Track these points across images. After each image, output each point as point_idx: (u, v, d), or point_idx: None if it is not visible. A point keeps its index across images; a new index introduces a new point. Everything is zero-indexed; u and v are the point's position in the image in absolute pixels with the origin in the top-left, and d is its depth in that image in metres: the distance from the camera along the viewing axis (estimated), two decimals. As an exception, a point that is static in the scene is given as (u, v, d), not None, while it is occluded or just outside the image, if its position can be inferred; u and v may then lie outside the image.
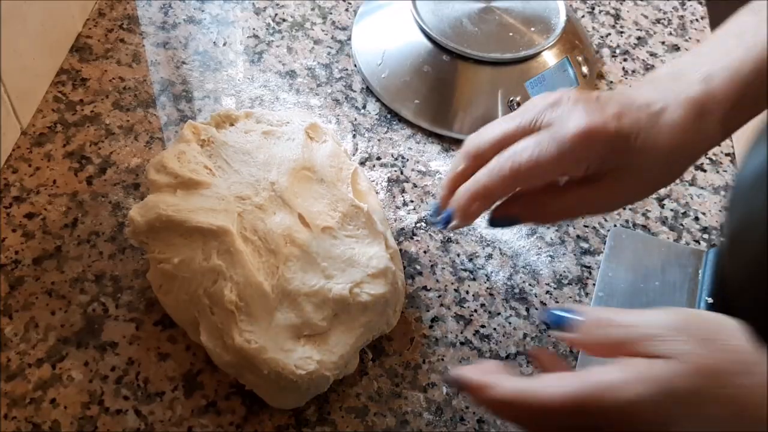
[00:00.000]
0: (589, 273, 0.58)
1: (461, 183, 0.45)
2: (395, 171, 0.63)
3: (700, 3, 0.81)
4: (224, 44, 0.71)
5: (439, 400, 0.51)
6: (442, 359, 0.53)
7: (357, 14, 0.74)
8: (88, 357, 0.50)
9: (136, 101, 0.65)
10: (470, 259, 0.58)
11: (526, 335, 0.54)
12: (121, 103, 0.65)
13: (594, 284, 0.57)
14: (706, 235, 0.61)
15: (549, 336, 0.54)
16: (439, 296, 0.56)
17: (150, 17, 0.72)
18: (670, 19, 0.79)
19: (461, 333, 0.54)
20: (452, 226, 0.46)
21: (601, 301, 0.55)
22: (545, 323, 0.41)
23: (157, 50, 0.69)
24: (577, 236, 0.60)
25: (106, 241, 0.56)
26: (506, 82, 0.66)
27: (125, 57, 0.68)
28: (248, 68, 0.69)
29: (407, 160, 0.64)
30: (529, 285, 0.57)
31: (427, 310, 0.55)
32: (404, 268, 0.55)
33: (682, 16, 0.80)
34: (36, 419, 0.47)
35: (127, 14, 0.72)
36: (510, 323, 0.55)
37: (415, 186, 0.62)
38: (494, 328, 0.55)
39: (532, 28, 0.68)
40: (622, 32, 0.77)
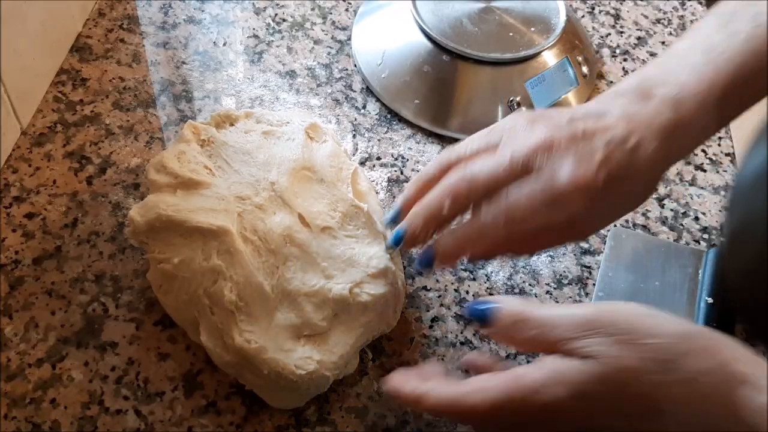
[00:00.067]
0: (589, 273, 0.58)
1: (428, 190, 0.46)
2: (395, 171, 0.63)
3: (700, 3, 0.81)
4: (224, 44, 0.71)
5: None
6: (442, 359, 0.53)
7: (357, 14, 0.74)
8: (88, 357, 0.50)
9: (136, 101, 0.65)
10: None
11: (526, 335, 0.54)
12: (121, 103, 0.65)
13: (594, 284, 0.57)
14: (706, 235, 0.61)
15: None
16: (439, 296, 0.56)
17: (150, 17, 0.72)
18: (670, 19, 0.79)
19: (461, 333, 0.54)
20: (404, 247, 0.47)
21: (601, 301, 0.55)
22: (467, 317, 0.42)
23: (157, 50, 0.69)
24: (577, 236, 0.60)
25: (106, 241, 0.56)
26: (506, 82, 0.66)
27: (125, 57, 0.68)
28: (248, 68, 0.69)
29: (407, 160, 0.64)
30: (529, 285, 0.57)
31: (427, 310, 0.55)
32: (404, 268, 0.55)
33: (682, 16, 0.80)
34: (36, 419, 0.47)
35: (127, 14, 0.72)
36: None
37: (415, 186, 0.62)
38: (494, 328, 0.55)
39: (532, 28, 0.68)
40: (622, 32, 0.77)
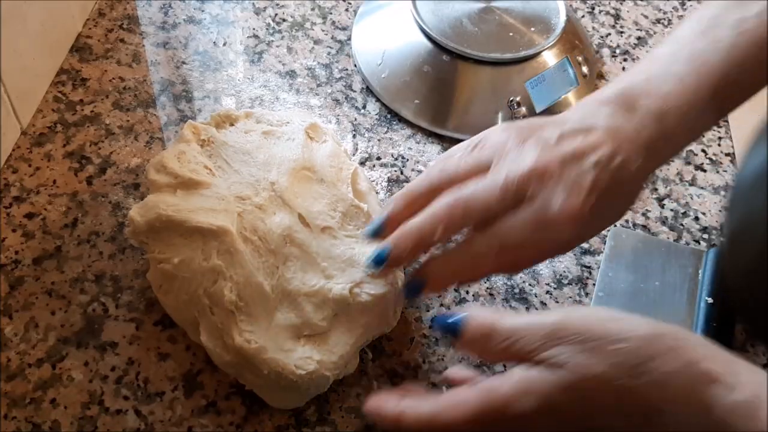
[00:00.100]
0: (589, 273, 0.58)
1: (416, 206, 0.46)
2: (395, 171, 0.63)
3: (699, 3, 0.81)
4: (224, 44, 0.71)
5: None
6: (442, 359, 0.53)
7: (357, 14, 0.74)
8: (88, 357, 0.50)
9: (136, 101, 0.65)
10: (470, 259, 0.58)
11: (526, 335, 0.54)
12: (121, 103, 0.65)
13: (594, 284, 0.57)
14: (706, 235, 0.61)
15: None
16: (439, 296, 0.56)
17: (150, 17, 0.72)
18: (670, 19, 0.79)
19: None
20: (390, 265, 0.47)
21: (601, 301, 0.55)
22: (437, 330, 0.42)
23: (157, 50, 0.69)
24: (577, 236, 0.60)
25: (106, 241, 0.56)
26: (506, 82, 0.66)
27: (125, 57, 0.68)
28: (248, 68, 0.69)
29: (407, 160, 0.64)
30: (529, 285, 0.57)
31: (427, 310, 0.55)
32: (404, 268, 0.55)
33: (682, 16, 0.80)
34: (36, 419, 0.47)
35: (127, 14, 0.72)
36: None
37: (415, 186, 0.62)
38: (494, 328, 0.54)
39: (532, 28, 0.68)
40: (622, 32, 0.77)
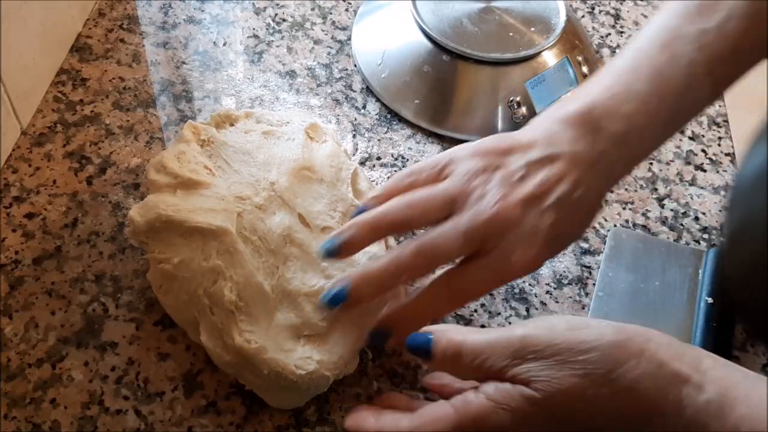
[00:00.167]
0: (589, 273, 0.58)
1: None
2: (395, 171, 0.63)
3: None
4: (224, 44, 0.71)
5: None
6: (442, 359, 0.53)
7: (357, 14, 0.74)
8: (88, 357, 0.50)
9: (136, 101, 0.65)
10: (470, 259, 0.58)
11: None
12: (121, 103, 0.65)
13: (594, 284, 0.57)
14: (706, 235, 0.61)
15: None
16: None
17: (150, 17, 0.72)
18: (670, 19, 0.79)
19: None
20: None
21: (601, 301, 0.55)
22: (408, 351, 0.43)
23: (157, 50, 0.69)
24: (577, 236, 0.60)
25: (106, 241, 0.56)
26: (506, 82, 0.66)
27: (125, 57, 0.68)
28: (248, 68, 0.69)
29: (407, 160, 0.64)
30: (529, 285, 0.57)
31: (427, 310, 0.55)
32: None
33: (682, 16, 0.80)
34: (36, 419, 0.47)
35: (127, 14, 0.72)
36: (510, 323, 0.55)
37: (415, 186, 0.62)
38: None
39: (532, 28, 0.68)
40: (622, 32, 0.77)
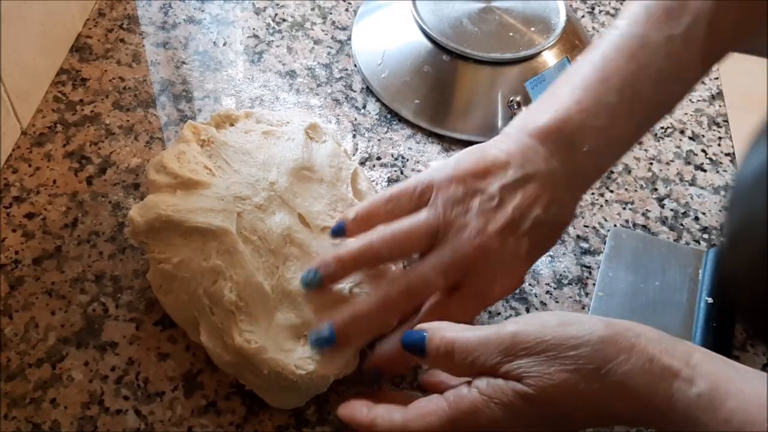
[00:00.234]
0: (589, 273, 0.58)
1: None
2: (395, 171, 0.63)
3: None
4: (224, 44, 0.71)
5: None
6: (442, 359, 0.53)
7: (357, 14, 0.74)
8: (88, 357, 0.50)
9: (136, 101, 0.65)
10: (470, 259, 0.58)
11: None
12: (121, 103, 0.65)
13: (594, 284, 0.57)
14: (706, 235, 0.61)
15: None
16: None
17: (150, 17, 0.72)
18: (670, 19, 0.79)
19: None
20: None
21: (601, 301, 0.55)
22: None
23: (157, 50, 0.69)
24: (577, 236, 0.60)
25: (106, 241, 0.56)
26: (506, 82, 0.66)
27: (125, 57, 0.68)
28: (248, 68, 0.69)
29: (407, 160, 0.64)
30: (529, 285, 0.57)
31: (427, 310, 0.55)
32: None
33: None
34: (36, 419, 0.47)
35: (127, 14, 0.72)
36: (510, 323, 0.55)
37: (415, 186, 0.62)
38: (494, 328, 0.54)
39: (532, 28, 0.68)
40: (622, 32, 0.77)
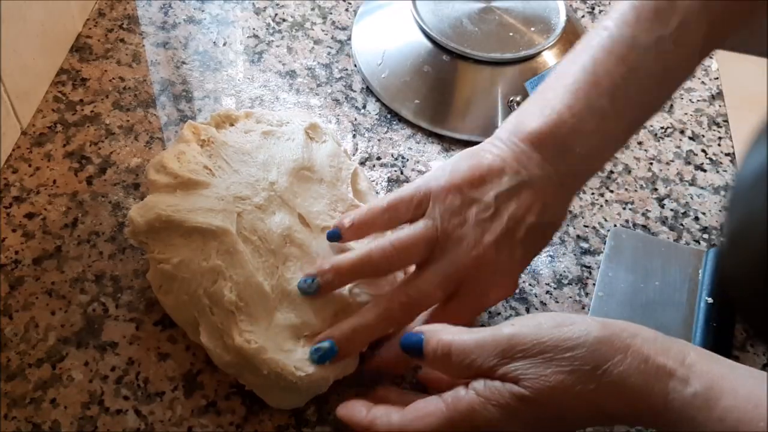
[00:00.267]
0: (589, 273, 0.58)
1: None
2: (395, 171, 0.63)
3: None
4: (224, 44, 0.71)
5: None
6: (442, 359, 0.53)
7: (357, 14, 0.74)
8: (88, 357, 0.50)
9: (136, 101, 0.65)
10: (470, 259, 0.58)
11: (526, 335, 0.54)
12: (121, 103, 0.65)
13: (594, 284, 0.57)
14: (706, 235, 0.61)
15: None
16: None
17: (150, 17, 0.72)
18: (670, 19, 0.79)
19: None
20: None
21: (601, 301, 0.55)
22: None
23: (157, 50, 0.69)
24: (577, 236, 0.60)
25: (106, 241, 0.56)
26: (506, 82, 0.66)
27: (125, 57, 0.68)
28: (248, 68, 0.69)
29: (407, 160, 0.64)
30: (529, 285, 0.57)
31: (427, 310, 0.55)
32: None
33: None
34: (36, 419, 0.47)
35: (127, 14, 0.72)
36: (510, 323, 0.55)
37: (415, 186, 0.62)
38: (494, 328, 0.54)
39: (532, 28, 0.68)
40: (622, 32, 0.77)
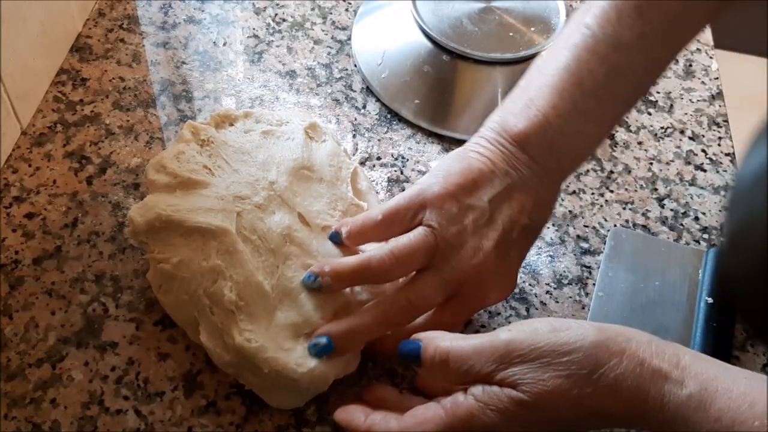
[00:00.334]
0: (589, 273, 0.58)
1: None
2: (395, 171, 0.63)
3: None
4: (224, 44, 0.71)
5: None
6: (442, 359, 0.53)
7: (357, 14, 0.74)
8: (88, 357, 0.50)
9: (136, 101, 0.65)
10: (470, 259, 0.58)
11: (526, 335, 0.54)
12: (121, 103, 0.65)
13: (594, 284, 0.57)
14: (706, 235, 0.61)
15: None
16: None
17: (150, 17, 0.72)
18: (670, 19, 0.79)
19: (461, 333, 0.54)
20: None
21: (601, 301, 0.55)
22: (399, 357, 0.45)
23: (157, 50, 0.69)
24: (577, 236, 0.60)
25: (106, 241, 0.56)
26: (506, 82, 0.66)
27: (125, 57, 0.68)
28: (248, 68, 0.69)
29: (407, 160, 0.64)
30: (530, 285, 0.57)
31: (427, 310, 0.55)
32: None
33: (682, 16, 0.80)
34: (36, 419, 0.47)
35: (127, 14, 0.72)
36: (510, 323, 0.55)
37: (415, 186, 0.62)
38: (494, 328, 0.54)
39: (532, 28, 0.68)
40: (622, 32, 0.77)
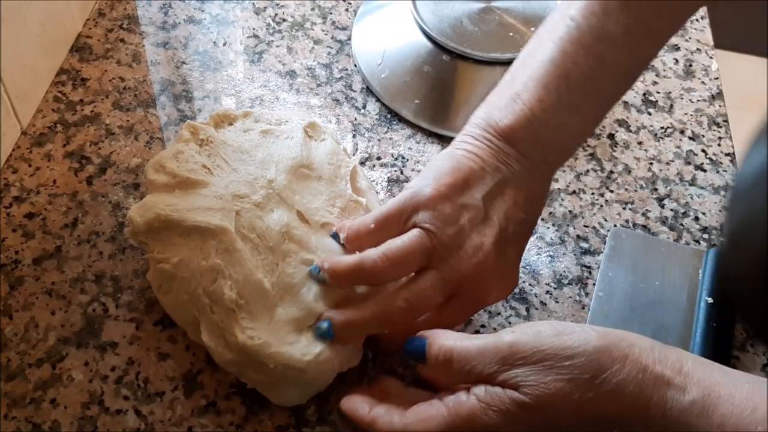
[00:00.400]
0: (589, 273, 0.58)
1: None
2: (395, 171, 0.63)
3: (700, 3, 0.81)
4: (224, 44, 0.71)
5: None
6: (442, 359, 0.53)
7: (357, 14, 0.74)
8: (88, 357, 0.50)
9: (136, 101, 0.65)
10: (470, 259, 0.58)
11: (526, 335, 0.54)
12: (121, 103, 0.65)
13: (594, 284, 0.57)
14: (706, 235, 0.61)
15: None
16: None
17: (150, 17, 0.72)
18: (670, 19, 0.79)
19: (461, 331, 0.54)
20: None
21: (601, 301, 0.55)
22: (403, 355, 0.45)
23: (157, 50, 0.69)
24: (577, 236, 0.60)
25: (106, 241, 0.56)
26: (506, 82, 0.66)
27: (125, 57, 0.68)
28: (248, 68, 0.69)
29: (407, 160, 0.64)
30: (530, 285, 0.57)
31: (427, 310, 0.55)
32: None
33: (682, 16, 0.80)
34: (36, 419, 0.47)
35: (127, 14, 0.72)
36: (510, 323, 0.55)
37: (415, 186, 0.62)
38: (494, 328, 0.55)
39: (532, 28, 0.68)
40: (622, 32, 0.77)
